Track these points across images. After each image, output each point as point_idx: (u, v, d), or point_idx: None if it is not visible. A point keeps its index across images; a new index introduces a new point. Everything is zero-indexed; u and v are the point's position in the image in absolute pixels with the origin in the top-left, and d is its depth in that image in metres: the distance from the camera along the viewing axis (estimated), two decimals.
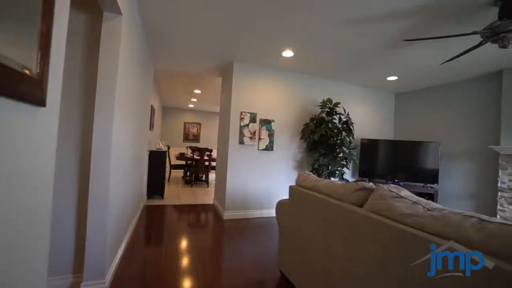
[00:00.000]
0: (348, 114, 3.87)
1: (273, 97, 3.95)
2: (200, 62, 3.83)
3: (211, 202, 4.57)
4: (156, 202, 4.36)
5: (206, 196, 5.11)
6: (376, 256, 1.21)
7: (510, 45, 1.87)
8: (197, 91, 6.14)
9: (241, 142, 3.68)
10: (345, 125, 3.78)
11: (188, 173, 6.78)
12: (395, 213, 1.22)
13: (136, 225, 3.13)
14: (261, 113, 3.85)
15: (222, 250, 2.69)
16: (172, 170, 6.92)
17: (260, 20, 2.46)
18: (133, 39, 2.24)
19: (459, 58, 2.65)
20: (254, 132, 3.77)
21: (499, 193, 3.18)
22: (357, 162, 4.04)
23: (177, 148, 8.41)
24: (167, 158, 6.74)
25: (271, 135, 3.86)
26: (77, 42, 1.77)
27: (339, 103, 3.92)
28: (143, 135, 3.57)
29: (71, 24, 1.76)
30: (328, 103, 3.84)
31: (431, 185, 4.00)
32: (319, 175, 3.69)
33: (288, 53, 3.26)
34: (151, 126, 4.79)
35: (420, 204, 1.22)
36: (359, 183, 1.51)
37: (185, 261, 2.31)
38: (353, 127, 3.87)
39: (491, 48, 2.45)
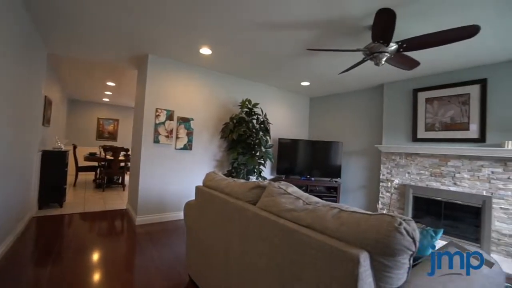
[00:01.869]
0: (265, 115, 4.07)
1: (192, 95, 3.82)
2: (108, 51, 3.38)
3: (125, 207, 4.13)
4: (52, 212, 3.67)
5: (119, 200, 4.59)
6: (265, 252, 1.25)
7: (381, 64, 2.28)
8: (110, 84, 5.44)
9: (156, 141, 3.42)
10: (262, 125, 3.96)
11: (99, 176, 5.97)
12: (279, 209, 1.30)
13: (14, 242, 2.55)
14: (180, 111, 3.67)
15: (128, 260, 2.44)
16: (80, 173, 5.96)
17: (174, 12, 2.31)
18: None
19: (353, 70, 3.10)
20: (171, 131, 3.56)
21: (381, 183, 3.91)
22: (273, 160, 4.29)
23: (88, 148, 7.30)
24: (72, 158, 5.79)
25: (190, 133, 3.72)
26: None
27: (257, 103, 4.08)
28: (28, 132, 2.93)
29: None
30: (247, 103, 3.95)
31: (336, 179, 4.59)
32: (237, 174, 3.77)
33: (206, 51, 3.20)
34: (46, 121, 3.99)
35: (301, 199, 1.33)
36: (254, 181, 1.58)
37: (78, 281, 2.00)
38: (269, 127, 4.09)
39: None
